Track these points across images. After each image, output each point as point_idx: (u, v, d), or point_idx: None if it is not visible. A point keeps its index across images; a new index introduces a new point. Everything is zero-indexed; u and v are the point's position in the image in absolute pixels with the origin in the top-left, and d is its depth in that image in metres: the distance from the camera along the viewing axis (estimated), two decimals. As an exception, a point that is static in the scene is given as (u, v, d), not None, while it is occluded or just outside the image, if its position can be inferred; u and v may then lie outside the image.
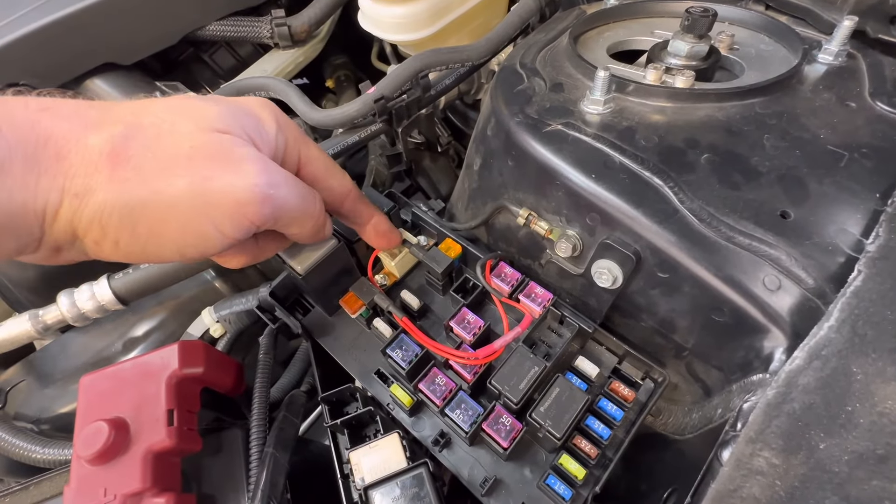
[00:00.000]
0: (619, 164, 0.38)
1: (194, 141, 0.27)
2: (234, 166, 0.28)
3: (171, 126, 0.27)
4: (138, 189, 0.26)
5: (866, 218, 0.33)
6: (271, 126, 0.31)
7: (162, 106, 0.29)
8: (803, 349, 0.28)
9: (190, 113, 0.28)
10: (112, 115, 0.27)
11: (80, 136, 0.25)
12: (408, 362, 0.39)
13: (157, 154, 0.26)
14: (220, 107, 0.30)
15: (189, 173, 0.27)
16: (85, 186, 0.25)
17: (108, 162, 0.25)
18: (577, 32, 0.52)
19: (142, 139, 0.26)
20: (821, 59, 0.46)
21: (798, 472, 0.25)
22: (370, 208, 0.40)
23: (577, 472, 0.35)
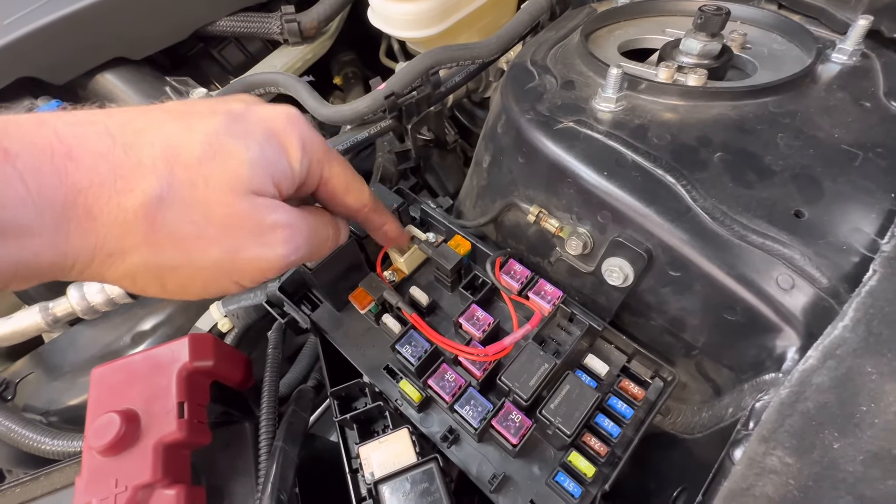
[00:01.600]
0: (631, 161, 0.38)
1: (228, 207, 0.27)
2: (263, 238, 0.29)
3: (206, 185, 0.26)
4: (172, 254, 0.26)
5: (881, 217, 0.33)
6: (297, 159, 0.30)
7: (197, 147, 0.26)
8: (817, 348, 0.28)
9: (225, 167, 0.27)
10: (142, 156, 0.25)
11: (111, 195, 0.24)
12: (417, 358, 0.39)
13: (191, 220, 0.26)
14: (253, 154, 0.28)
15: (221, 244, 0.27)
16: (118, 248, 0.25)
17: (144, 226, 0.25)
18: (588, 30, 0.52)
19: (177, 203, 0.26)
20: (834, 58, 0.45)
21: (812, 471, 0.25)
22: (382, 216, 0.40)
23: (586, 469, 0.35)
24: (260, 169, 0.28)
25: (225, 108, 0.29)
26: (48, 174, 0.23)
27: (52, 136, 0.23)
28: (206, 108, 0.29)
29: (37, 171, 0.22)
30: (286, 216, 0.29)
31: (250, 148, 0.28)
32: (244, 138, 0.28)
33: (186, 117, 0.27)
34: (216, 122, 0.27)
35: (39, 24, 0.59)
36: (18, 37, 0.58)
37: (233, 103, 0.30)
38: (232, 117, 0.28)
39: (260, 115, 0.30)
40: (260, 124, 0.29)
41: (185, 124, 0.27)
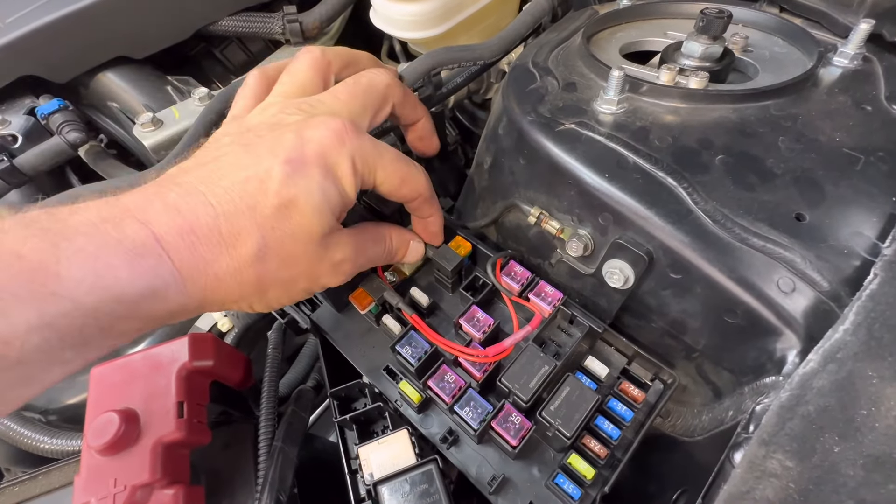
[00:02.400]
0: (632, 163, 0.38)
1: (309, 255, 0.32)
2: (333, 269, 0.35)
3: (292, 237, 0.31)
4: (278, 294, 0.33)
5: (882, 221, 0.33)
6: (350, 184, 0.33)
7: (270, 207, 0.30)
8: (818, 352, 0.28)
9: (299, 222, 0.31)
10: (239, 224, 0.30)
11: (226, 260, 0.30)
12: (417, 359, 0.39)
13: (287, 268, 0.32)
14: (317, 201, 0.31)
15: (307, 279, 0.34)
16: (240, 293, 0.32)
17: (255, 279, 0.31)
18: (590, 32, 0.52)
19: (273, 256, 0.31)
20: (836, 62, 0.45)
21: (812, 474, 0.25)
22: (432, 208, 0.41)
23: (586, 471, 0.35)
24: (326, 213, 0.32)
25: (282, 148, 0.31)
26: (184, 250, 0.28)
27: (178, 216, 0.28)
28: (269, 155, 0.31)
29: (176, 248, 0.28)
30: (348, 250, 0.35)
31: (313, 193, 0.31)
32: (305, 182, 0.31)
33: (256, 171, 0.30)
34: (280, 174, 0.30)
35: (41, 22, 0.59)
36: (20, 35, 0.58)
37: (287, 135, 0.32)
38: (292, 164, 0.31)
39: (314, 148, 0.31)
40: (315, 159, 0.31)
41: (259, 183, 0.30)
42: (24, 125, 0.58)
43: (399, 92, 0.40)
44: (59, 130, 0.56)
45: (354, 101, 0.36)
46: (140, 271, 0.26)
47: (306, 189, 0.31)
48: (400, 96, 0.40)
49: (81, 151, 0.59)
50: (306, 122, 0.33)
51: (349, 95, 0.36)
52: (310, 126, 0.32)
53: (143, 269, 0.27)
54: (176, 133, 0.60)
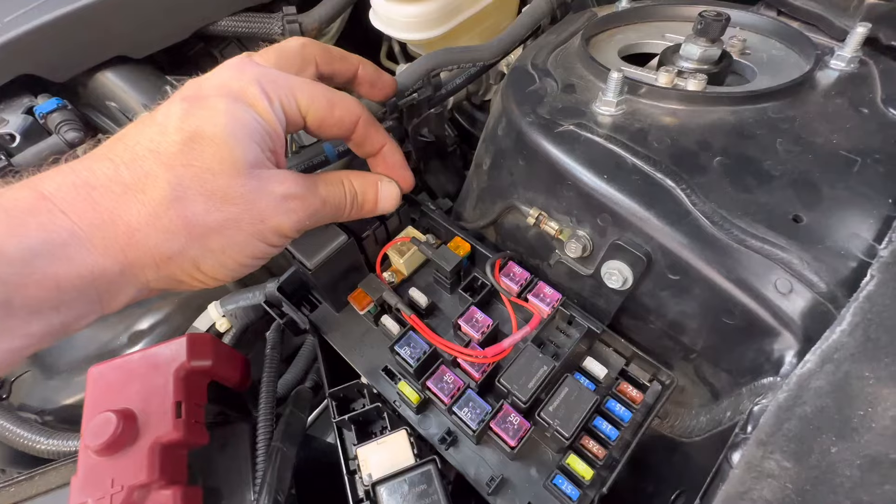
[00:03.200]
0: (631, 165, 0.38)
1: (241, 185, 0.29)
2: (281, 206, 0.31)
3: (209, 172, 0.29)
4: (217, 241, 0.30)
5: (879, 223, 0.33)
6: (264, 107, 0.31)
7: (175, 145, 0.28)
8: (815, 353, 0.28)
9: (210, 153, 0.29)
10: (143, 168, 0.28)
11: (135, 204, 0.28)
12: (416, 359, 0.39)
13: (216, 209, 0.29)
14: (226, 129, 0.29)
15: (250, 219, 0.30)
16: (173, 249, 0.29)
17: (181, 224, 0.28)
18: (589, 34, 0.53)
19: (194, 194, 0.28)
20: (833, 65, 0.46)
21: (809, 475, 0.25)
22: (379, 132, 0.38)
23: (584, 472, 0.35)
24: (243, 139, 0.29)
25: (179, 93, 0.31)
26: (80, 203, 0.26)
27: (70, 173, 0.27)
28: (164, 106, 0.30)
29: (70, 203, 0.26)
30: (295, 187, 0.31)
31: (218, 121, 0.29)
32: (208, 112, 0.29)
33: (152, 119, 0.30)
34: (178, 110, 0.29)
35: (40, 21, 0.58)
36: (19, 34, 0.58)
37: (185, 89, 0.31)
38: (189, 100, 0.30)
39: (212, 83, 0.31)
40: (215, 93, 0.30)
41: (157, 125, 0.29)
42: (22, 124, 0.58)
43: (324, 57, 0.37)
44: (58, 130, 0.56)
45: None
46: (25, 229, 0.25)
47: (210, 118, 0.29)
48: (326, 61, 0.37)
49: (80, 151, 0.59)
50: (208, 74, 0.32)
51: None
52: (209, 73, 0.32)
53: (31, 226, 0.25)
54: (175, 133, 0.60)
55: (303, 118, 0.33)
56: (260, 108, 0.30)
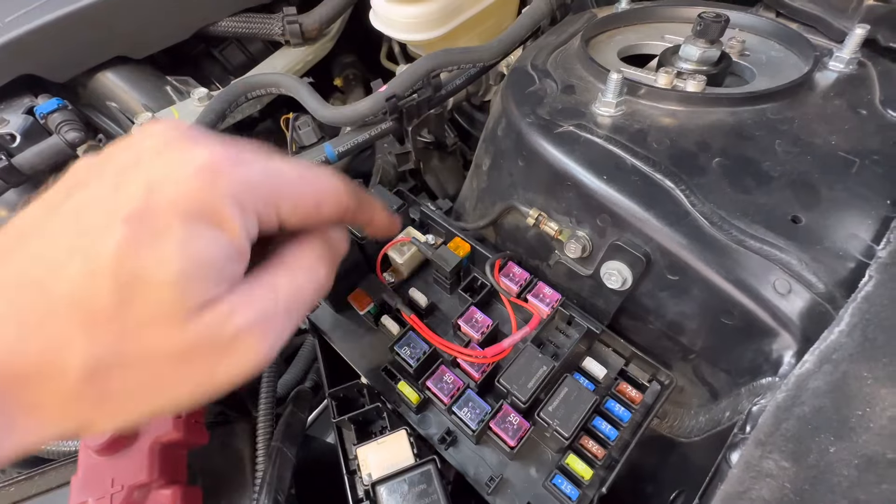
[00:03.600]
0: (630, 165, 0.38)
1: (176, 343, 0.22)
2: (232, 351, 0.23)
3: (137, 331, 0.22)
4: (141, 408, 0.23)
5: (877, 224, 0.34)
6: (236, 227, 0.23)
7: (106, 296, 0.21)
8: (813, 353, 0.29)
9: (149, 302, 0.21)
10: (53, 331, 0.21)
11: (43, 383, 0.21)
12: (416, 360, 0.40)
13: (143, 374, 0.22)
14: (174, 269, 0.21)
15: (190, 379, 0.23)
16: (78, 417, 0.22)
17: (93, 399, 0.22)
18: (589, 36, 0.53)
19: (114, 363, 0.22)
20: (832, 66, 0.46)
21: (808, 474, 0.26)
22: (367, 211, 0.32)
23: (583, 472, 0.35)
24: (191, 281, 0.22)
25: (123, 200, 0.22)
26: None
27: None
28: (103, 214, 0.22)
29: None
30: (249, 312, 0.23)
31: (170, 261, 0.21)
32: (158, 248, 0.21)
33: (84, 242, 0.21)
34: (116, 242, 0.21)
35: (41, 21, 0.59)
36: (19, 34, 0.58)
37: (130, 186, 0.22)
38: (134, 221, 0.21)
39: (170, 194, 0.22)
40: (171, 208, 0.22)
41: (85, 260, 0.21)
42: (22, 124, 0.58)
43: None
44: (58, 130, 0.56)
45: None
46: None
47: (159, 259, 0.21)
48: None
49: (80, 151, 0.59)
50: (163, 154, 0.24)
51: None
52: (168, 160, 0.23)
53: None
54: (175, 133, 0.60)
55: (279, 224, 0.26)
56: (228, 229, 0.23)
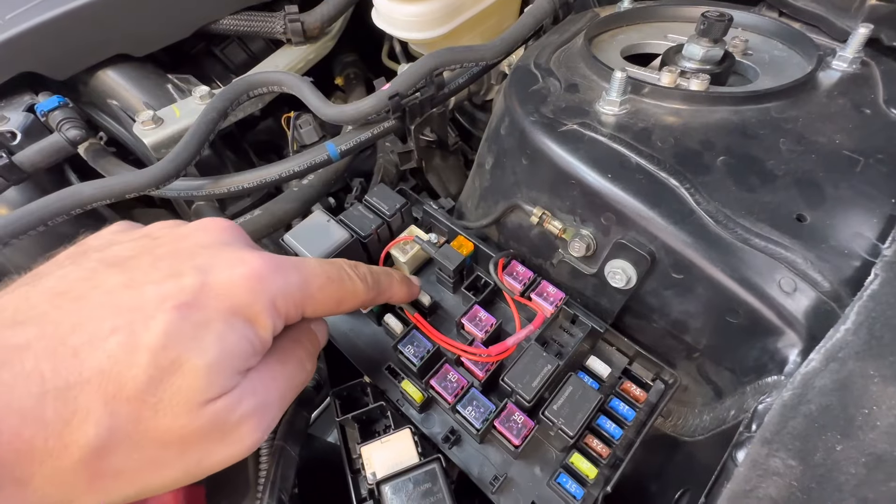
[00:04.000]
0: (635, 164, 0.38)
1: (184, 426, 0.23)
2: (227, 439, 0.25)
3: (155, 415, 0.22)
4: (125, 489, 0.23)
5: (882, 222, 0.34)
6: (266, 326, 0.26)
7: (142, 374, 0.22)
8: (819, 351, 0.29)
9: (178, 386, 0.23)
10: (77, 405, 0.21)
11: (43, 458, 0.21)
12: (419, 358, 0.39)
13: (142, 455, 0.23)
14: (211, 357, 0.23)
15: (181, 463, 0.24)
16: (59, 500, 0.22)
17: (86, 477, 0.22)
18: (592, 34, 0.53)
19: (122, 444, 0.22)
20: (835, 65, 0.46)
21: (815, 473, 0.25)
22: (385, 292, 0.37)
23: (588, 471, 0.35)
24: (220, 371, 0.24)
25: (176, 289, 0.24)
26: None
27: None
28: (155, 296, 0.24)
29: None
30: (252, 402, 0.25)
31: (207, 350, 0.23)
32: (199, 338, 0.23)
33: (131, 318, 0.23)
34: (165, 325, 0.23)
35: (42, 19, 0.58)
36: (20, 32, 0.58)
37: (186, 276, 0.25)
38: (184, 309, 0.23)
39: (218, 289, 0.25)
40: (218, 305, 0.24)
41: (128, 336, 0.22)
42: (23, 122, 0.58)
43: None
44: (59, 127, 0.56)
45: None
46: None
47: (200, 348, 0.23)
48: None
49: (81, 149, 0.59)
50: (217, 255, 0.26)
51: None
52: (220, 262, 0.26)
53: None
54: (176, 131, 0.60)
55: (302, 318, 0.29)
56: (260, 327, 0.26)
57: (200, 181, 0.55)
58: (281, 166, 0.54)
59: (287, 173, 0.54)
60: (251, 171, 0.55)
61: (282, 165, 0.54)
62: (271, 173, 0.54)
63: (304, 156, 0.54)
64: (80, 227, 0.62)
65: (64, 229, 0.59)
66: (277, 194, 0.65)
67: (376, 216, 0.47)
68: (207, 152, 0.66)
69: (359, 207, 0.48)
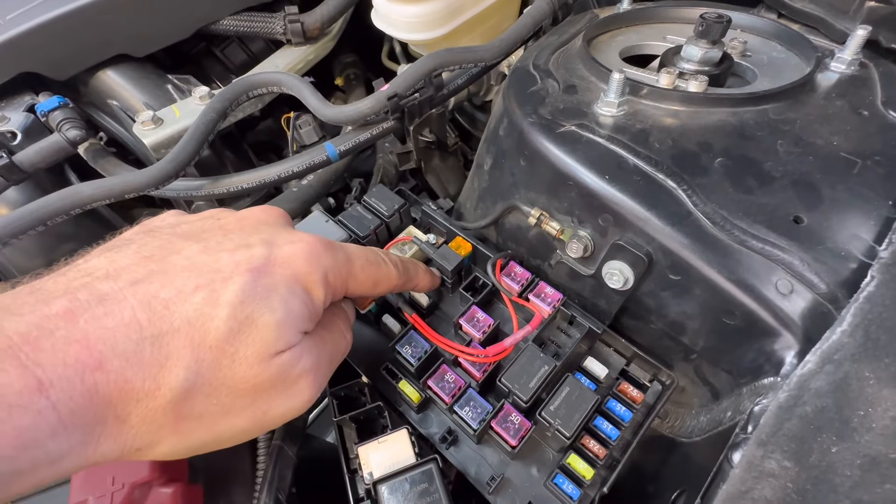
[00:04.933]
0: (632, 165, 0.38)
1: (256, 378, 0.27)
2: (290, 391, 0.29)
3: (232, 362, 0.26)
4: (202, 435, 0.27)
5: (879, 224, 0.34)
6: (320, 296, 0.30)
7: (223, 325, 0.25)
8: (815, 353, 0.29)
9: (252, 338, 0.26)
10: (169, 350, 0.24)
11: (140, 398, 0.24)
12: (417, 359, 0.40)
13: (220, 400, 0.26)
14: (279, 316, 0.27)
15: (250, 412, 0.28)
16: (148, 441, 0.25)
17: (172, 418, 0.25)
18: (591, 36, 0.53)
19: (203, 388, 0.25)
20: (833, 67, 0.46)
21: (810, 474, 0.26)
22: (413, 280, 0.40)
23: (585, 472, 0.35)
24: (287, 327, 0.27)
25: (247, 257, 0.28)
26: (79, 396, 0.22)
27: (83, 350, 0.22)
28: (230, 262, 0.27)
29: (69, 397, 0.22)
30: (310, 359, 0.29)
31: (276, 309, 0.27)
32: (269, 298, 0.27)
33: (211, 278, 0.26)
34: (241, 285, 0.26)
35: (42, 19, 0.59)
36: (21, 32, 0.58)
37: (255, 247, 0.29)
38: (255, 273, 0.27)
39: (282, 260, 0.29)
40: (283, 272, 0.28)
41: (210, 293, 0.26)
42: (23, 122, 0.58)
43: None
44: (59, 128, 0.56)
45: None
46: (14, 429, 0.20)
47: (270, 306, 0.27)
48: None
49: (81, 149, 0.59)
50: (278, 233, 0.31)
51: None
52: (281, 239, 0.30)
53: (3, 436, 0.20)
54: (176, 132, 0.60)
55: (344, 295, 0.34)
56: (315, 296, 0.30)
57: (200, 181, 0.55)
58: (280, 166, 0.54)
59: (286, 173, 0.54)
60: (251, 171, 0.55)
61: (281, 166, 0.54)
62: (271, 173, 0.54)
63: (303, 156, 0.54)
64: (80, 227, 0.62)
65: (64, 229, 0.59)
66: (277, 195, 0.65)
67: (375, 217, 0.47)
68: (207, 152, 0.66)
69: (357, 208, 0.48)
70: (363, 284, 0.34)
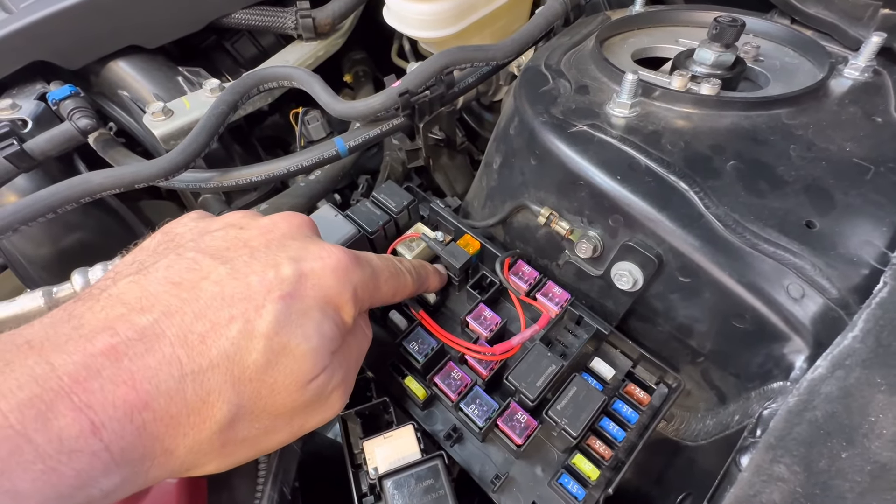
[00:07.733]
0: (644, 166, 0.38)
1: (295, 401, 0.28)
2: (324, 405, 0.30)
3: (271, 392, 0.27)
4: (245, 452, 0.29)
5: (892, 231, 0.34)
6: (349, 314, 0.31)
7: (260, 357, 0.26)
8: (826, 358, 0.28)
9: (289, 368, 0.27)
10: (210, 387, 0.25)
11: (186, 432, 0.25)
12: (423, 355, 0.39)
13: (261, 424, 0.28)
14: (313, 344, 0.27)
15: (289, 427, 0.29)
16: (194, 464, 0.26)
17: (218, 445, 0.26)
18: (603, 37, 0.53)
19: (245, 416, 0.26)
20: (846, 73, 0.46)
21: (819, 479, 0.25)
22: (425, 283, 0.41)
23: (590, 472, 0.35)
24: (321, 353, 0.28)
25: (278, 280, 0.27)
26: (129, 435, 0.23)
27: (130, 391, 0.23)
28: (261, 288, 0.27)
29: (120, 437, 0.22)
30: (341, 373, 0.30)
31: (310, 337, 0.27)
32: (303, 325, 0.27)
33: (244, 307, 0.26)
34: (275, 314, 0.26)
35: (55, 8, 0.59)
36: (33, 21, 0.58)
37: (283, 266, 0.28)
38: (288, 300, 0.27)
39: (312, 280, 0.29)
40: (314, 294, 0.29)
41: (245, 324, 0.26)
42: (34, 110, 0.58)
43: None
44: (70, 116, 0.56)
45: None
46: (55, 482, 0.21)
47: (304, 335, 0.27)
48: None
49: (91, 139, 0.59)
50: (306, 248, 0.30)
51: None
52: (310, 255, 0.30)
53: (69, 476, 0.21)
54: (186, 123, 0.60)
55: (368, 306, 0.34)
56: (346, 314, 0.30)
57: (208, 173, 0.55)
58: (289, 161, 0.54)
59: (295, 167, 0.54)
60: (259, 164, 0.55)
61: (290, 160, 0.54)
62: (279, 167, 0.54)
63: (312, 151, 0.54)
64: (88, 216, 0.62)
65: (71, 218, 0.59)
66: (283, 189, 0.65)
67: (383, 212, 0.47)
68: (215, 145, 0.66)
69: (366, 203, 0.48)
70: (385, 295, 0.35)
